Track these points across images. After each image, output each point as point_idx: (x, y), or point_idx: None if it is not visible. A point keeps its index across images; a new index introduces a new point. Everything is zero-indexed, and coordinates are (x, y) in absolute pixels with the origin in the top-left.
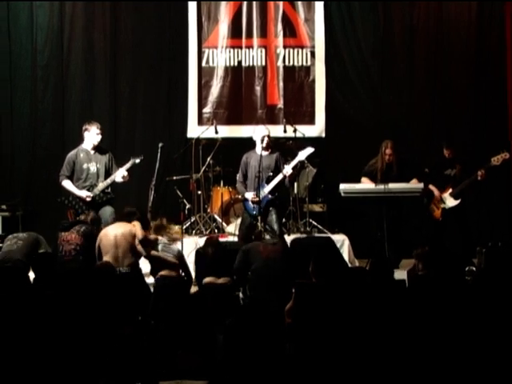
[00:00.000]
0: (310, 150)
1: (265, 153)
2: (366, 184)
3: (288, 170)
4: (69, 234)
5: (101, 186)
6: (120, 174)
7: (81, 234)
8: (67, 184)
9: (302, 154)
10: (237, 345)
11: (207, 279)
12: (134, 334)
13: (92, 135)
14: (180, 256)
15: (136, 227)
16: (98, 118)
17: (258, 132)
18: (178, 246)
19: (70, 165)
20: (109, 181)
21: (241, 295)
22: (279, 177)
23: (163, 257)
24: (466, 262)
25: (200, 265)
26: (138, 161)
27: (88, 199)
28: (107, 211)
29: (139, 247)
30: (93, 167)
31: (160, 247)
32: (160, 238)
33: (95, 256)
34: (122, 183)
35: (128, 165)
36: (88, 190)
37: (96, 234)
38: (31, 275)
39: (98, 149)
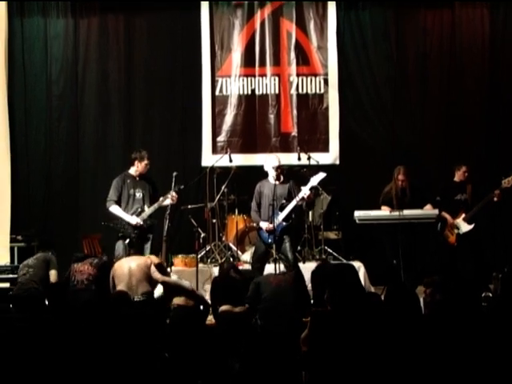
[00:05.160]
0: (322, 175)
1: (278, 182)
2: (380, 211)
3: (306, 191)
4: (81, 265)
5: (148, 211)
6: (170, 196)
7: (94, 265)
8: (115, 209)
9: (315, 180)
10: (253, 373)
11: (224, 307)
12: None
13: (141, 166)
14: (193, 289)
15: (151, 257)
16: (112, 147)
17: (268, 163)
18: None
19: (118, 190)
20: (156, 205)
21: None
22: (293, 203)
23: (179, 283)
24: (482, 287)
25: (218, 291)
26: (182, 187)
27: (138, 225)
28: (146, 249)
29: (155, 274)
30: (139, 193)
31: (174, 278)
32: (172, 273)
33: (109, 287)
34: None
35: (176, 188)
36: (134, 214)
37: (109, 265)
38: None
39: (143, 175)
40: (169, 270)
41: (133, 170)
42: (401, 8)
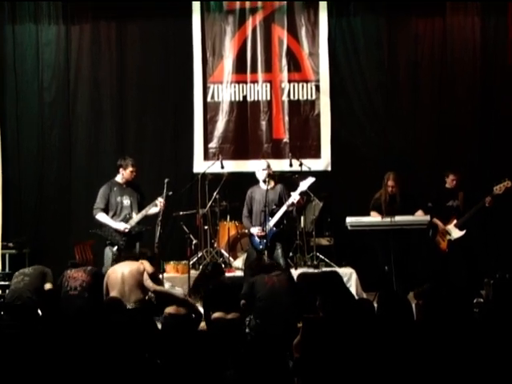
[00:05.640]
0: (311, 180)
1: (269, 187)
2: (372, 217)
3: (295, 196)
4: (75, 272)
5: (136, 218)
6: (158, 202)
7: (88, 272)
8: (102, 217)
9: (304, 184)
10: (246, 381)
11: (216, 314)
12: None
13: (127, 173)
14: (185, 297)
15: (144, 264)
16: (104, 153)
17: (256, 166)
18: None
19: (106, 198)
20: (144, 212)
21: (247, 330)
22: (283, 209)
23: (172, 292)
24: (474, 293)
25: (210, 298)
26: (170, 193)
27: (126, 231)
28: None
29: (147, 282)
30: (126, 200)
31: (167, 286)
32: (165, 281)
33: (102, 294)
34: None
35: (163, 195)
36: (122, 221)
37: (104, 273)
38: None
39: (130, 183)
40: (160, 276)
41: (119, 178)
42: (392, 15)
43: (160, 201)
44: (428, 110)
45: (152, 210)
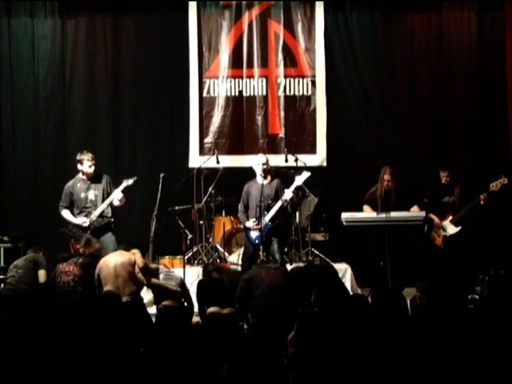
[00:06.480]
0: (306, 175)
1: (265, 181)
2: (367, 213)
3: (288, 193)
4: (67, 266)
5: (97, 210)
6: (117, 197)
7: (79, 265)
8: (66, 214)
9: (299, 179)
10: (240, 375)
11: (211, 309)
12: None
13: (85, 168)
14: (182, 284)
15: (136, 255)
16: (99, 148)
17: (254, 160)
18: (179, 274)
19: (68, 195)
20: (104, 205)
21: (245, 326)
22: (279, 204)
23: (165, 285)
24: (469, 290)
25: (204, 293)
26: (130, 182)
27: (85, 225)
28: (109, 239)
29: (140, 275)
30: (91, 195)
31: (162, 276)
32: (161, 266)
33: (95, 286)
34: (123, 210)
35: (121, 187)
36: (86, 216)
37: (95, 265)
38: None
39: (95, 176)
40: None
41: (80, 173)
42: (388, 11)
43: (118, 193)
44: (424, 105)
45: (114, 201)
